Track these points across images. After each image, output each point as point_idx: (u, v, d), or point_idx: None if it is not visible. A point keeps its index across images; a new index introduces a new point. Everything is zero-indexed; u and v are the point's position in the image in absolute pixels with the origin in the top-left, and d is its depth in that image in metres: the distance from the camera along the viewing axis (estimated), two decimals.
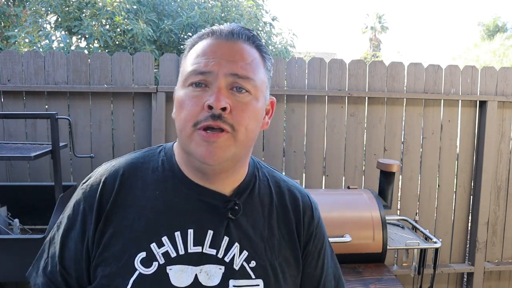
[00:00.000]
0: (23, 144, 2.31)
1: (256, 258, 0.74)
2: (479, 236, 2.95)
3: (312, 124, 2.77)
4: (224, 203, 0.74)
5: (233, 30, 0.73)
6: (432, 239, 2.01)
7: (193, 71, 0.70)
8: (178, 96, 0.72)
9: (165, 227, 0.71)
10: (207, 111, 0.67)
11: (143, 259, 0.69)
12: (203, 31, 0.76)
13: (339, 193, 2.14)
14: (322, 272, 0.85)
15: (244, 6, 5.07)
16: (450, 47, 53.09)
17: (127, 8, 4.50)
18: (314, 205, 0.87)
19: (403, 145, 2.88)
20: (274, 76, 2.71)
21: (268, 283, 0.74)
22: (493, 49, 14.55)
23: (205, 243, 0.72)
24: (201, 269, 0.71)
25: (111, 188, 0.74)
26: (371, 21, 29.46)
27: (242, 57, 0.71)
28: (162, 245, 0.70)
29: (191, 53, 0.74)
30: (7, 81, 2.53)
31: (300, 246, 0.80)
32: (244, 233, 0.74)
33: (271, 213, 0.79)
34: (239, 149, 0.71)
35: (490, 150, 2.89)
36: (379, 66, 2.80)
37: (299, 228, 0.81)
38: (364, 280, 1.68)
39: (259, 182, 0.81)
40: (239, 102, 0.69)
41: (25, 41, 4.48)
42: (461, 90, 2.88)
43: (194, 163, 0.73)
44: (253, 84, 0.71)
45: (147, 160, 0.78)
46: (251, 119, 0.71)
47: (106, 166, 0.78)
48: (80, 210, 0.73)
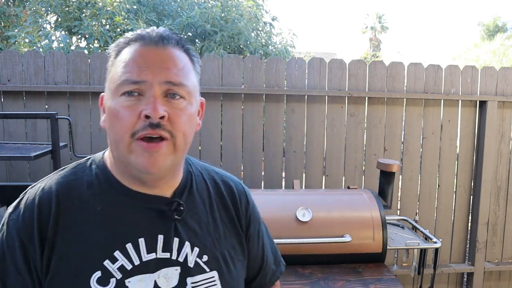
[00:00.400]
0: (23, 144, 2.31)
1: (207, 252, 0.77)
2: (479, 236, 2.95)
3: (312, 124, 2.77)
4: (167, 206, 0.75)
5: (162, 35, 0.72)
6: (432, 239, 2.01)
7: (126, 81, 0.68)
8: (110, 106, 0.70)
9: (115, 241, 0.70)
10: (144, 121, 0.67)
11: (99, 278, 0.68)
12: (129, 35, 0.74)
13: (339, 193, 2.14)
14: (263, 251, 0.93)
15: (244, 6, 5.07)
16: (450, 47, 53.07)
17: (127, 8, 4.50)
18: (246, 191, 0.92)
19: (403, 145, 2.88)
20: (274, 76, 2.71)
21: (222, 272, 0.77)
22: (493, 49, 14.55)
23: (157, 249, 0.72)
24: (159, 274, 0.71)
25: (48, 213, 0.69)
26: (371, 21, 29.47)
27: (174, 63, 0.71)
28: (115, 260, 0.69)
29: (119, 60, 0.72)
30: (7, 81, 2.53)
31: (242, 231, 0.85)
32: (192, 230, 0.77)
33: (212, 206, 0.82)
34: (178, 155, 0.72)
35: (490, 150, 2.89)
36: (379, 66, 2.80)
37: (239, 214, 0.86)
38: (364, 280, 1.68)
39: (195, 178, 0.83)
40: (175, 108, 0.70)
41: (25, 41, 4.48)
42: (461, 90, 2.88)
43: (133, 172, 0.72)
44: (187, 90, 0.72)
45: (78, 176, 0.75)
46: (187, 124, 0.72)
47: (35, 191, 0.73)
48: (15, 245, 0.68)
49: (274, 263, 0.97)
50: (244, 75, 2.69)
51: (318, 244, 1.78)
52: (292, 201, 1.89)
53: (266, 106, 2.73)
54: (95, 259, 0.69)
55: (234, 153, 2.71)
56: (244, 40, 4.83)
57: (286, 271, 1.73)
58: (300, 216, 1.80)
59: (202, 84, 2.64)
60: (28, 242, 0.68)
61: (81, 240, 0.69)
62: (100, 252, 0.69)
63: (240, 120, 2.70)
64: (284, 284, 1.63)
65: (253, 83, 2.68)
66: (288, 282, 1.65)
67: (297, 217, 1.79)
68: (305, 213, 1.81)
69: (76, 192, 0.72)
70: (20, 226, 0.69)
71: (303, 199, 1.92)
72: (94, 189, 0.73)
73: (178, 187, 0.79)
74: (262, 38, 5.42)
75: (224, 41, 4.79)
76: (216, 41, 4.63)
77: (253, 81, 2.68)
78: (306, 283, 1.64)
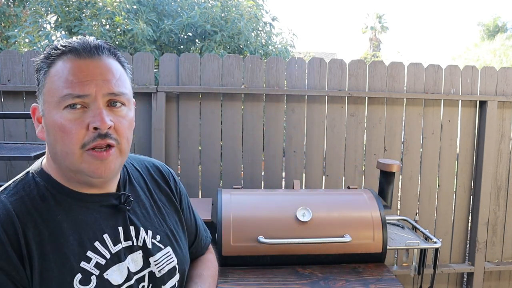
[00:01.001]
0: (23, 144, 2.31)
1: (159, 232, 0.88)
2: (479, 236, 2.95)
3: (312, 124, 2.77)
4: (117, 200, 0.82)
5: (96, 46, 0.76)
6: (432, 239, 2.01)
7: (69, 95, 0.71)
8: (55, 120, 0.72)
9: (84, 243, 0.76)
10: (93, 132, 0.72)
11: (81, 280, 0.73)
12: (59, 46, 0.75)
13: (339, 193, 2.14)
14: (195, 220, 1.07)
15: (244, 6, 5.07)
16: (450, 47, 53.09)
17: (127, 8, 4.50)
18: (171, 171, 1.04)
19: (403, 145, 2.88)
20: (274, 76, 2.71)
21: (173, 246, 0.90)
22: (493, 49, 14.55)
23: (121, 239, 0.81)
24: (128, 261, 0.81)
25: (14, 232, 0.69)
26: (371, 21, 29.46)
27: (112, 74, 0.75)
28: (90, 259, 0.75)
29: (55, 73, 0.73)
30: (7, 81, 2.53)
31: (178, 207, 0.98)
32: (141, 217, 0.87)
33: (150, 191, 0.92)
34: (124, 158, 0.79)
35: (490, 150, 2.89)
36: (379, 66, 2.80)
37: (172, 191, 0.97)
38: (364, 280, 1.68)
39: (130, 170, 0.92)
40: (119, 116, 0.76)
41: (25, 41, 4.48)
42: (461, 90, 2.88)
43: (83, 179, 0.77)
44: (126, 97, 0.78)
45: (27, 191, 0.76)
46: (129, 129, 0.79)
47: None
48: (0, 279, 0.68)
49: (205, 231, 1.12)
50: (244, 75, 2.69)
51: (318, 244, 1.78)
52: (292, 201, 1.89)
53: (266, 106, 2.73)
54: (72, 264, 0.73)
55: (234, 153, 2.71)
56: (244, 40, 4.83)
57: (286, 271, 1.74)
58: (300, 216, 1.80)
59: (202, 84, 2.64)
60: (11, 270, 0.68)
61: (54, 250, 0.72)
62: (74, 256, 0.74)
63: (240, 120, 2.70)
64: (284, 284, 1.64)
65: (253, 83, 2.68)
66: (288, 282, 1.65)
67: (297, 217, 1.79)
68: (305, 213, 1.81)
69: (32, 207, 0.74)
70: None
71: (303, 199, 1.92)
72: (49, 201, 0.76)
73: (119, 182, 0.86)
74: (262, 38, 5.42)
75: (224, 41, 4.79)
76: (216, 41, 4.63)
77: (253, 81, 2.68)
78: (306, 283, 1.64)
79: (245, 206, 1.86)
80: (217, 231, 1.74)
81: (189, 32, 4.88)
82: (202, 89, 2.61)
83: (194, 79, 2.63)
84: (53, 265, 0.71)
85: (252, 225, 1.76)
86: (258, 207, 1.87)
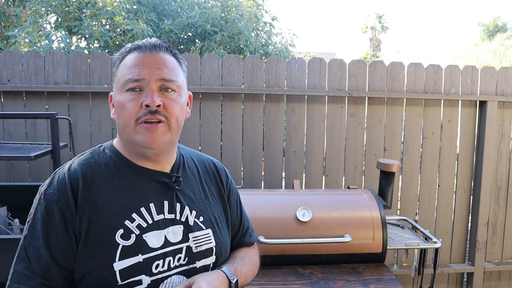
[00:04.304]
0: (23, 144, 2.31)
1: (202, 214, 0.99)
2: (479, 236, 2.95)
3: (312, 124, 2.77)
4: (168, 179, 0.96)
5: (155, 44, 0.93)
6: (432, 239, 2.01)
7: (129, 80, 0.89)
8: (118, 100, 0.91)
9: (132, 206, 0.90)
10: (145, 109, 0.88)
11: (122, 234, 0.86)
12: (129, 46, 0.95)
13: (339, 193, 2.14)
14: (241, 217, 1.17)
15: (244, 6, 5.07)
16: (450, 47, 53.08)
17: (127, 8, 4.50)
18: (225, 168, 1.16)
19: (403, 145, 2.88)
20: (274, 76, 2.71)
21: (214, 230, 1.01)
22: (493, 49, 14.55)
23: (164, 211, 0.93)
24: (168, 231, 0.92)
25: (77, 186, 0.87)
26: (371, 21, 29.44)
27: (165, 65, 0.92)
28: (133, 220, 0.88)
29: (123, 65, 0.92)
30: (7, 81, 2.53)
31: (226, 199, 1.09)
32: (189, 198, 0.99)
33: (201, 180, 1.05)
34: (173, 134, 0.93)
35: (490, 150, 2.89)
36: (379, 66, 2.80)
37: (222, 185, 1.10)
38: (364, 280, 1.68)
39: (185, 159, 1.06)
40: (168, 99, 0.91)
41: (25, 41, 4.48)
42: (461, 90, 2.88)
43: (138, 150, 0.92)
44: (177, 84, 0.93)
45: (96, 158, 0.94)
46: (179, 111, 0.93)
47: (63, 171, 0.91)
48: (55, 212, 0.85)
49: (252, 230, 1.23)
50: (244, 75, 2.69)
51: (318, 244, 1.78)
52: (292, 201, 1.89)
53: (266, 106, 2.73)
54: (118, 220, 0.87)
55: (234, 153, 2.71)
56: (244, 40, 4.83)
57: (286, 271, 1.73)
58: (300, 216, 1.80)
59: (202, 84, 2.64)
60: (65, 209, 0.85)
61: (105, 206, 0.87)
62: (121, 215, 0.88)
63: (240, 120, 2.70)
64: (284, 284, 1.64)
65: (253, 83, 2.68)
66: (288, 282, 1.65)
67: (297, 217, 1.79)
68: (305, 213, 1.81)
69: (96, 170, 0.91)
70: (57, 197, 0.86)
71: (303, 199, 1.92)
72: (111, 168, 0.93)
73: (174, 165, 1.00)
74: (262, 38, 5.42)
75: (224, 41, 4.79)
76: (216, 41, 4.63)
77: (253, 81, 2.68)
78: (306, 283, 1.64)
79: (245, 206, 1.86)
80: None
81: (189, 32, 4.88)
82: (202, 89, 2.61)
83: (194, 79, 2.63)
84: (101, 217, 0.86)
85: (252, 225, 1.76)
86: (258, 207, 1.87)
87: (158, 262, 0.89)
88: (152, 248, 0.88)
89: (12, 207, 2.16)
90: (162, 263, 0.89)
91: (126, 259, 0.85)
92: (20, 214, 2.14)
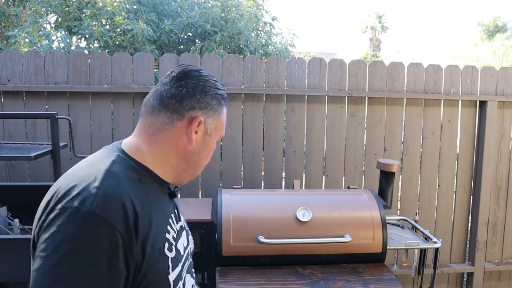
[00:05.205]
0: (23, 144, 2.31)
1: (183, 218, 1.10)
2: (479, 236, 2.95)
3: (312, 124, 2.77)
4: (168, 190, 1.00)
5: None
6: (432, 239, 2.01)
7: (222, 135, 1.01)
8: (212, 142, 0.97)
9: (165, 219, 0.93)
10: None
11: (168, 247, 0.89)
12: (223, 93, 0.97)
13: (339, 193, 2.14)
14: None
15: (244, 6, 5.07)
16: (450, 47, 53.08)
17: (127, 8, 4.49)
18: None
19: (403, 145, 2.88)
20: (274, 76, 2.71)
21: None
22: (493, 49, 14.55)
23: (178, 220, 1.02)
24: (183, 238, 1.01)
25: (133, 209, 0.79)
26: (371, 21, 29.43)
27: None
28: (169, 232, 0.92)
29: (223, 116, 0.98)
30: (7, 81, 2.53)
31: None
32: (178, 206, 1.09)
33: None
34: None
35: (490, 150, 2.89)
36: (379, 66, 2.80)
37: None
38: (364, 280, 1.68)
39: None
40: None
41: (25, 41, 4.47)
42: (461, 90, 2.88)
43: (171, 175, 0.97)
44: None
45: (126, 172, 0.85)
46: None
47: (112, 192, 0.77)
48: (117, 238, 0.74)
49: None
50: (244, 75, 2.69)
51: (318, 244, 1.78)
52: (292, 201, 1.89)
53: (266, 106, 2.73)
54: (162, 235, 0.88)
55: (234, 153, 2.71)
56: (244, 40, 4.83)
57: (286, 271, 1.74)
58: (300, 216, 1.80)
59: None
60: (127, 240, 0.76)
61: (151, 223, 0.84)
62: (162, 229, 0.90)
63: (240, 120, 2.70)
64: (284, 284, 1.64)
65: (253, 83, 2.68)
66: (288, 282, 1.65)
67: (297, 217, 1.79)
68: (305, 213, 1.81)
69: (134, 186, 0.84)
70: (117, 222, 0.75)
71: (303, 199, 1.92)
72: (144, 183, 0.87)
73: None
74: (262, 38, 5.41)
75: (224, 41, 4.79)
76: (216, 41, 4.62)
77: (253, 81, 2.68)
78: (306, 283, 1.64)
79: (245, 206, 1.86)
80: (217, 231, 1.74)
81: (189, 32, 4.87)
82: None
83: None
84: (151, 235, 0.82)
85: (252, 225, 1.76)
86: (258, 207, 1.87)
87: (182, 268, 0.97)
88: (182, 256, 0.96)
89: (12, 207, 2.16)
90: (182, 267, 0.97)
91: (174, 270, 0.89)
92: (20, 214, 2.14)
